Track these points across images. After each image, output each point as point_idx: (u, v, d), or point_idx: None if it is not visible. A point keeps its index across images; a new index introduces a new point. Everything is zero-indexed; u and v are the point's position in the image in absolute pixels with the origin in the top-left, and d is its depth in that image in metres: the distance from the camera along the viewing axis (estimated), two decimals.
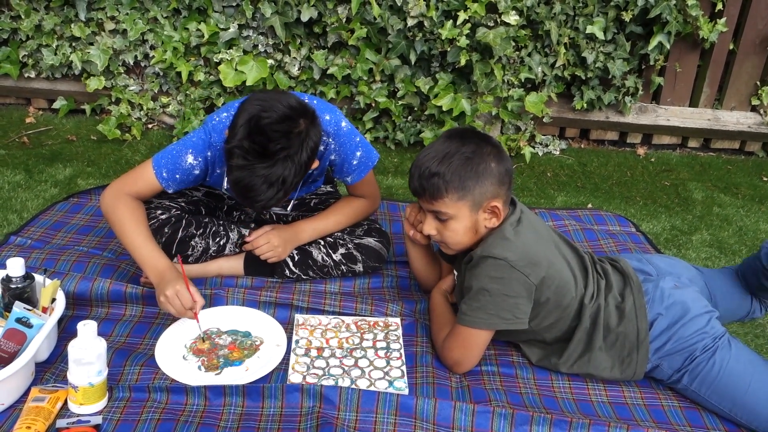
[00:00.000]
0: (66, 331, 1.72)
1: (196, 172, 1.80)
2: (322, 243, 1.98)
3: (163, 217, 1.86)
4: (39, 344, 1.49)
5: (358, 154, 1.90)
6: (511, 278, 1.54)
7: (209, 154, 1.79)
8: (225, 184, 1.75)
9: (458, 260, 1.72)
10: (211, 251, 1.93)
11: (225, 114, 1.78)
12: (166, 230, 1.85)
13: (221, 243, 1.94)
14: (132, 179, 1.80)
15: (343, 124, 1.86)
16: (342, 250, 1.97)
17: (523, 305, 1.57)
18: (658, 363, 1.63)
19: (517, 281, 1.54)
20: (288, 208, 2.00)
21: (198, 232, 1.89)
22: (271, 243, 1.90)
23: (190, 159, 1.78)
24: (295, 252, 1.96)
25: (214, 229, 1.93)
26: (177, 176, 1.79)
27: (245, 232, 1.98)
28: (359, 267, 1.99)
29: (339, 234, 2.01)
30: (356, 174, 1.94)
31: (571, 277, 1.62)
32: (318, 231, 1.97)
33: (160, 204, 1.88)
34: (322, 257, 1.96)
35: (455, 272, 1.77)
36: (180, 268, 1.74)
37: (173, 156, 1.78)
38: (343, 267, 1.98)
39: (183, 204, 1.94)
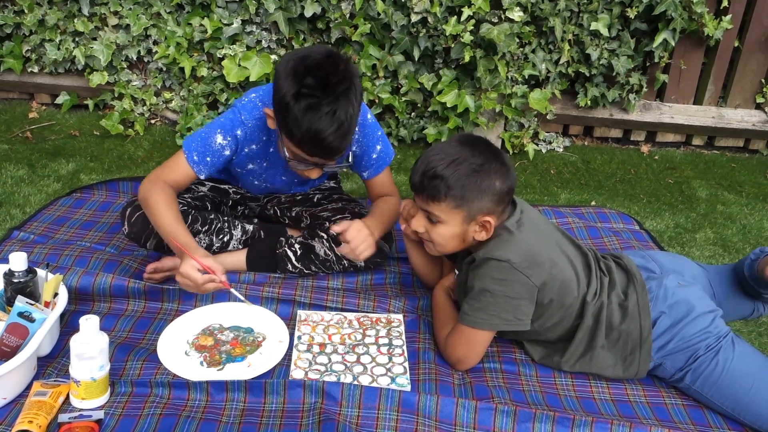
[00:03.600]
0: (68, 325, 1.72)
1: (227, 153, 1.81)
2: (325, 237, 1.97)
3: None
4: (41, 339, 1.49)
5: (378, 148, 1.91)
6: (513, 280, 1.54)
7: (239, 132, 1.80)
8: (285, 152, 1.71)
9: (459, 259, 1.72)
10: (214, 248, 1.93)
11: (254, 95, 1.80)
12: None
13: (225, 240, 1.94)
14: (166, 168, 1.80)
15: (369, 116, 1.88)
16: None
17: (525, 307, 1.57)
18: (661, 362, 1.62)
19: (519, 283, 1.54)
20: (336, 168, 1.86)
21: (203, 229, 1.89)
22: (362, 232, 1.80)
23: (219, 139, 1.78)
24: (297, 246, 1.96)
25: (218, 225, 1.93)
26: (208, 159, 1.79)
27: (249, 227, 1.98)
28: (360, 262, 1.98)
29: None
30: (373, 169, 1.94)
31: (573, 275, 1.62)
32: (381, 230, 1.90)
33: None
34: (325, 251, 1.96)
35: (456, 271, 1.77)
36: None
37: (203, 138, 1.79)
38: (345, 261, 1.98)
39: (189, 200, 1.94)
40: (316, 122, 1.58)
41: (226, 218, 1.97)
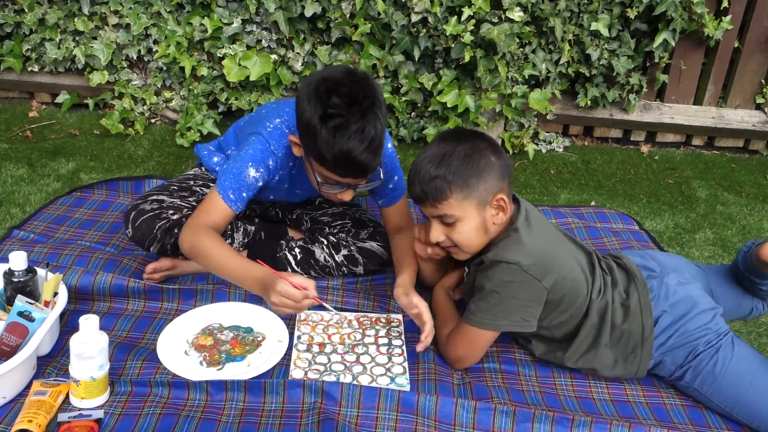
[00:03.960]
0: (68, 325, 1.72)
1: (260, 184, 1.79)
2: (326, 243, 1.97)
3: (175, 217, 1.85)
4: (41, 338, 1.49)
5: (396, 178, 1.90)
6: (522, 282, 1.53)
7: (271, 163, 1.77)
8: (316, 177, 1.68)
9: (468, 260, 1.71)
10: None
11: (278, 120, 1.77)
12: (176, 231, 1.83)
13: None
14: (203, 212, 1.75)
15: (389, 145, 1.86)
16: (344, 252, 1.97)
17: (533, 309, 1.57)
18: (661, 359, 1.63)
19: (529, 285, 1.54)
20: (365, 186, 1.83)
21: None
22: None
23: (252, 172, 1.76)
24: (298, 251, 1.96)
25: None
26: (244, 194, 1.76)
27: (250, 228, 1.99)
28: (360, 269, 1.99)
29: (343, 236, 2.00)
30: (388, 199, 1.92)
31: (582, 275, 1.61)
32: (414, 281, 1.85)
33: (172, 204, 1.88)
34: (325, 257, 1.96)
35: (466, 269, 1.75)
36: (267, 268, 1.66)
37: (235, 175, 1.75)
38: (344, 268, 1.98)
39: (194, 203, 1.92)
40: (346, 142, 1.55)
41: None
